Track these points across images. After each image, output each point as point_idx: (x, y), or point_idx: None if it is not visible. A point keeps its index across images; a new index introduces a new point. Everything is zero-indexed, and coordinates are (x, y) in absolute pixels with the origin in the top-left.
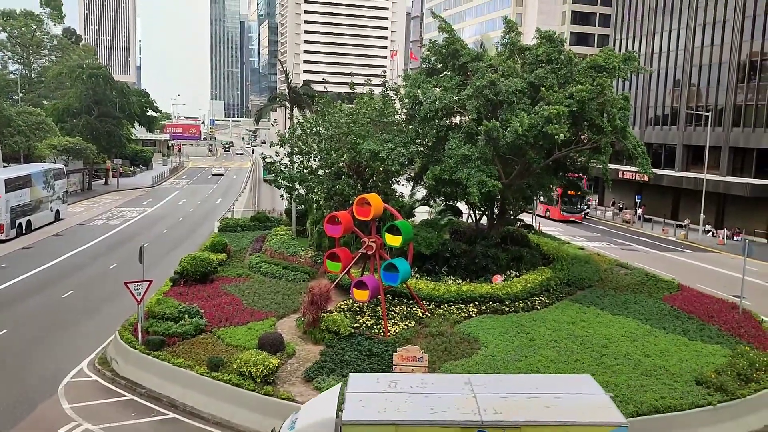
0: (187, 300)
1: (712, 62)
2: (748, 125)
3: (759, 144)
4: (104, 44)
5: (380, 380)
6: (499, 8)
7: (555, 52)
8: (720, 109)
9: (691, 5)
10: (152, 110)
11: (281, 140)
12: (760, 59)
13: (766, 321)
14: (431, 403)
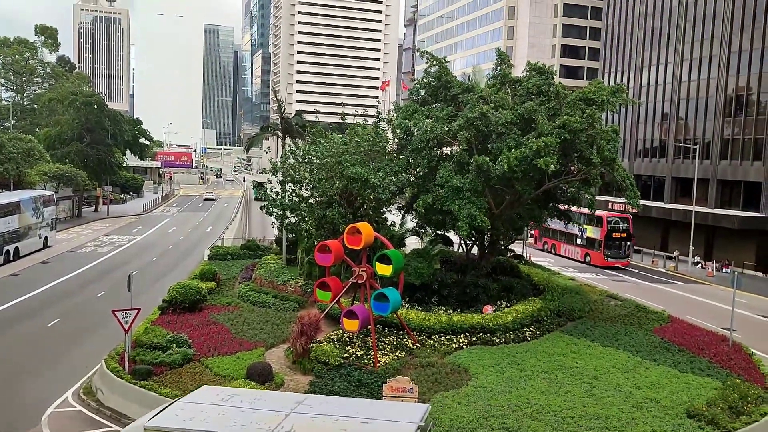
0: (176, 329)
1: (699, 96)
2: (736, 158)
3: (746, 177)
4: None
5: (221, 393)
6: (490, 41)
7: (545, 85)
8: (708, 142)
9: (679, 40)
10: (144, 138)
11: (273, 168)
12: (746, 94)
13: (756, 353)
14: (239, 417)
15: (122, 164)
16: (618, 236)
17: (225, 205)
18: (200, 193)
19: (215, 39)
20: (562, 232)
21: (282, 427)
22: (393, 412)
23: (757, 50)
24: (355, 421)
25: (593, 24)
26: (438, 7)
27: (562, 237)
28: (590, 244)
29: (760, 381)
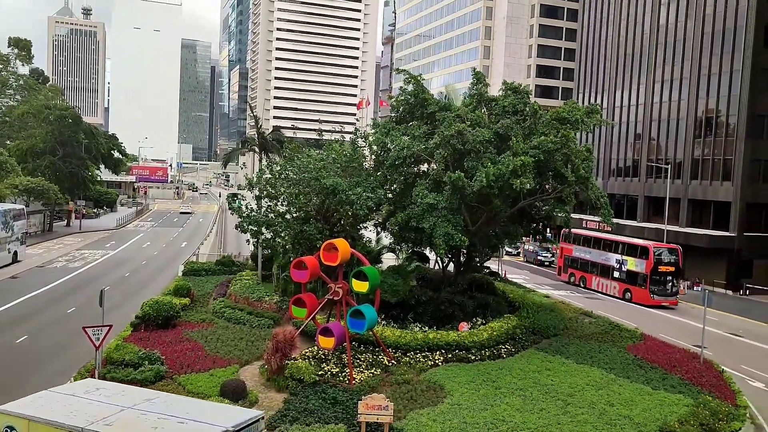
0: (148, 346)
1: (670, 117)
2: (706, 178)
3: (716, 196)
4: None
5: (96, 386)
6: (466, 60)
7: (521, 104)
8: (679, 162)
9: (650, 63)
10: (119, 152)
11: (249, 184)
12: (715, 115)
13: (727, 370)
14: (81, 408)
15: (96, 178)
16: (665, 270)
17: (200, 220)
18: (175, 208)
19: (193, 54)
20: (595, 263)
21: (105, 419)
22: (220, 416)
23: (726, 73)
24: (173, 420)
25: (568, 45)
26: (415, 26)
27: (594, 268)
28: (632, 279)
29: (731, 398)
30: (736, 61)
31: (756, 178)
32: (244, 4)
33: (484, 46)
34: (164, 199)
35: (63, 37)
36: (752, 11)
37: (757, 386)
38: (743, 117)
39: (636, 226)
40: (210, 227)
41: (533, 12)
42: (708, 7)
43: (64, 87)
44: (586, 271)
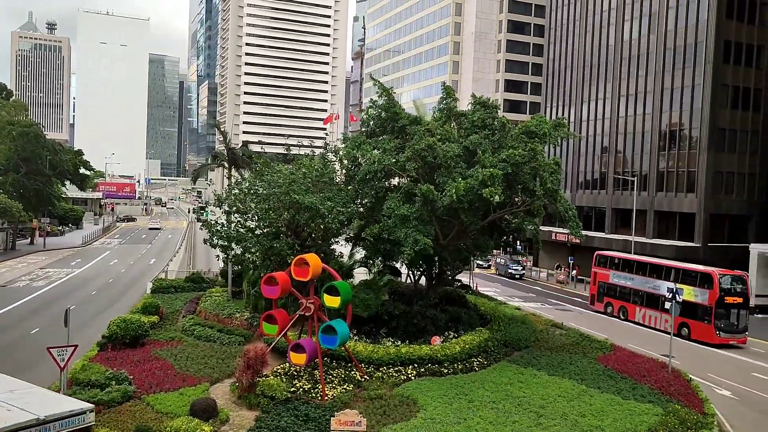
0: (115, 365)
1: (636, 131)
2: (671, 190)
3: (681, 208)
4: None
5: None
6: (435, 75)
7: (489, 118)
8: (645, 174)
9: (615, 77)
10: (85, 168)
11: (218, 200)
12: (679, 129)
13: (694, 379)
14: None
15: (61, 195)
16: (732, 302)
17: (169, 237)
18: (143, 225)
19: (160, 69)
20: (639, 291)
21: None
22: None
23: (688, 88)
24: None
25: (535, 60)
26: (385, 41)
27: (638, 298)
28: (690, 312)
29: (699, 406)
30: (698, 75)
31: (719, 189)
32: (212, 19)
33: (452, 61)
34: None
35: (27, 52)
36: (712, 27)
37: (723, 394)
38: (705, 130)
39: (604, 238)
40: (179, 243)
41: (501, 28)
42: (670, 22)
43: (27, 102)
44: (627, 301)
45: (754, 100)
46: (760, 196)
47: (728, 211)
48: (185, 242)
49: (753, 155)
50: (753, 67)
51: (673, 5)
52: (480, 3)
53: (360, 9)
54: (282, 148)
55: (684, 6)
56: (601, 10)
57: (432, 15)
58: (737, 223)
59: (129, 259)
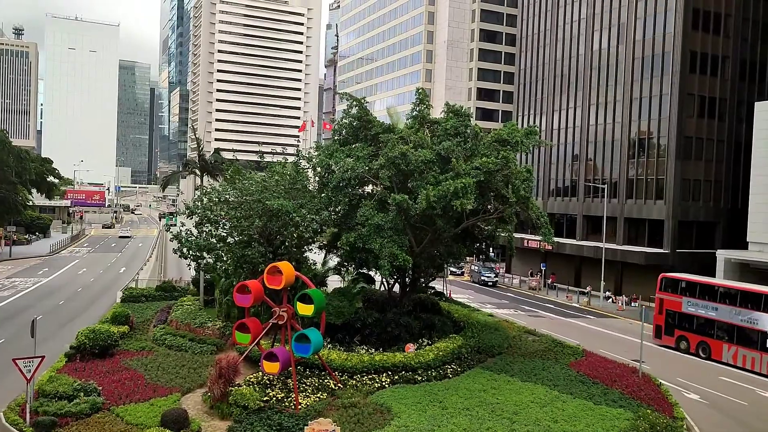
0: (84, 376)
1: (606, 139)
2: (640, 197)
3: (650, 215)
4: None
5: None
6: (409, 83)
7: (462, 126)
8: (615, 182)
9: (586, 86)
10: (53, 176)
11: (188, 210)
12: (648, 137)
13: (664, 383)
14: None
15: (27, 203)
16: None
17: (140, 245)
18: (113, 233)
19: (131, 75)
20: (727, 324)
21: None
22: None
23: (656, 97)
24: None
25: (507, 69)
26: (358, 49)
27: (725, 333)
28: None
29: (669, 410)
30: (665, 85)
31: (686, 196)
32: (184, 26)
33: (425, 69)
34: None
35: None
36: (678, 38)
37: (692, 398)
38: (673, 138)
39: (575, 245)
40: (150, 252)
41: (473, 36)
42: (638, 33)
43: None
44: (710, 336)
45: (719, 109)
46: (726, 203)
47: (696, 218)
48: (156, 250)
49: (719, 163)
50: (718, 76)
51: (641, 16)
52: (452, 12)
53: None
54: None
55: (651, 17)
56: (571, 21)
57: (405, 23)
58: (704, 230)
59: (98, 268)
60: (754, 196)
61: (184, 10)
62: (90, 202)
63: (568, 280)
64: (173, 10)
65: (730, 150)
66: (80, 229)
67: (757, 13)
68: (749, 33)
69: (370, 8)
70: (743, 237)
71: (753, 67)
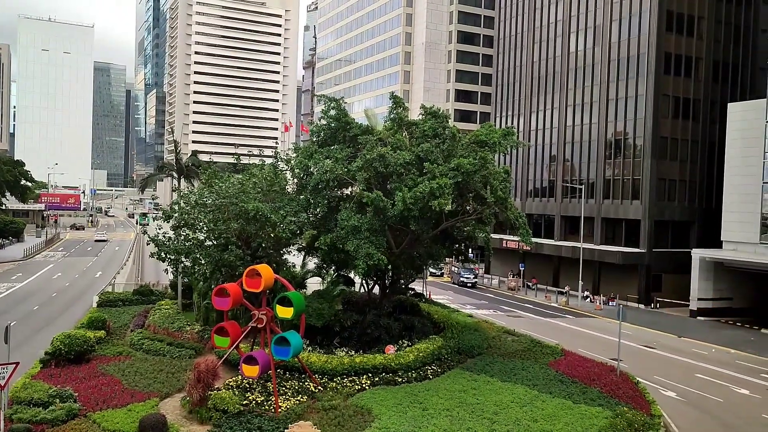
0: (59, 383)
1: (583, 140)
2: (617, 198)
3: (626, 215)
4: None
5: None
6: (387, 85)
7: (440, 127)
8: (592, 182)
9: (563, 87)
10: (26, 179)
11: (164, 214)
12: (624, 138)
13: (642, 381)
14: None
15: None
16: None
17: (116, 249)
18: (89, 237)
19: (106, 77)
20: None
21: None
22: None
23: (631, 98)
24: None
25: (485, 70)
26: (336, 51)
27: None
28: None
29: (646, 408)
30: (641, 86)
31: (662, 196)
32: (160, 27)
33: (404, 71)
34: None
35: None
36: (653, 40)
37: (669, 395)
38: (648, 139)
39: (554, 245)
40: (127, 255)
41: (451, 38)
42: (613, 35)
43: None
44: None
45: (693, 109)
46: (700, 203)
47: (671, 218)
48: (133, 254)
49: (693, 163)
50: (692, 78)
51: (616, 18)
52: (430, 14)
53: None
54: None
55: (627, 19)
56: (548, 23)
57: (383, 25)
58: (680, 229)
59: (74, 273)
60: (728, 195)
61: (160, 12)
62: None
63: (547, 280)
64: (149, 12)
65: (704, 150)
66: (55, 233)
67: (729, 15)
68: (721, 35)
69: (348, 10)
70: (718, 236)
71: (725, 69)
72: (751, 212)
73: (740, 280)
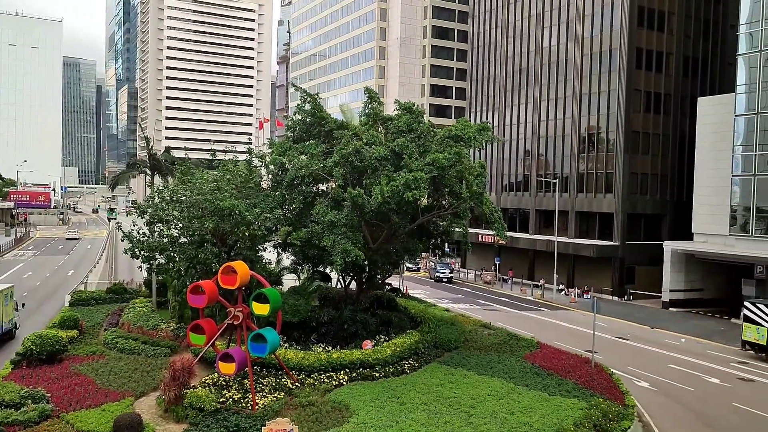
0: (31, 383)
1: (557, 134)
2: (591, 191)
3: (600, 208)
4: None
5: None
6: (362, 80)
7: (415, 123)
8: (566, 176)
9: (537, 83)
10: None
11: (138, 209)
12: (597, 132)
13: (616, 372)
14: None
15: None
16: None
17: (89, 247)
18: (60, 235)
19: (76, 73)
20: None
21: None
22: None
23: (604, 93)
24: None
25: (460, 65)
26: (310, 45)
27: None
28: None
29: (620, 399)
30: (613, 81)
31: (634, 190)
32: (131, 22)
33: (379, 66)
34: (48, 225)
35: None
36: (624, 35)
37: (642, 386)
38: (621, 133)
39: (529, 239)
40: (99, 253)
41: (425, 33)
42: (586, 30)
43: None
44: None
45: (664, 104)
46: (672, 196)
47: (644, 211)
48: (106, 252)
49: (665, 157)
50: (663, 72)
51: (588, 14)
52: (404, 9)
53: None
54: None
55: (599, 15)
56: (522, 18)
57: (357, 20)
58: (652, 222)
59: (45, 272)
60: (699, 188)
61: (131, 6)
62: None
63: (522, 273)
64: (119, 6)
65: (675, 144)
66: (24, 231)
67: (699, 10)
68: (691, 30)
69: (322, 5)
70: (689, 228)
71: (695, 63)
72: (721, 205)
73: (711, 272)
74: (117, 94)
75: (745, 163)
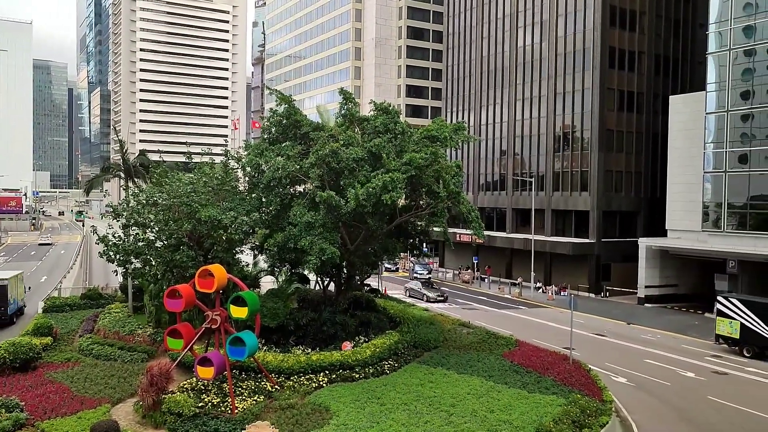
0: (5, 392)
1: (532, 133)
2: (566, 190)
3: (576, 206)
4: None
5: None
6: (338, 80)
7: (391, 123)
8: (542, 175)
9: (512, 82)
10: None
11: (114, 212)
12: (572, 131)
13: (593, 369)
14: None
15: None
16: None
17: (62, 252)
18: (32, 240)
19: (47, 75)
20: None
21: None
22: None
23: (578, 92)
24: None
25: (435, 66)
26: (286, 46)
27: None
28: None
29: (598, 395)
30: (587, 80)
31: (609, 187)
32: (103, 24)
33: (354, 67)
34: (19, 231)
35: None
36: (597, 34)
37: (620, 381)
38: (595, 131)
39: (506, 237)
40: (73, 259)
41: (401, 34)
42: (560, 30)
43: None
44: None
45: (637, 102)
46: (646, 193)
47: (619, 208)
48: (80, 257)
49: (638, 154)
50: (635, 71)
51: (562, 13)
52: (379, 9)
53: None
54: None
55: (572, 14)
56: (496, 18)
57: (332, 21)
58: (627, 219)
59: None
60: (671, 185)
61: (102, 8)
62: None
63: (500, 272)
64: (90, 7)
65: (648, 142)
66: None
67: (669, 10)
68: (662, 29)
69: (297, 5)
70: (663, 225)
71: (667, 62)
72: (694, 201)
73: (685, 267)
74: (89, 96)
75: (717, 160)
